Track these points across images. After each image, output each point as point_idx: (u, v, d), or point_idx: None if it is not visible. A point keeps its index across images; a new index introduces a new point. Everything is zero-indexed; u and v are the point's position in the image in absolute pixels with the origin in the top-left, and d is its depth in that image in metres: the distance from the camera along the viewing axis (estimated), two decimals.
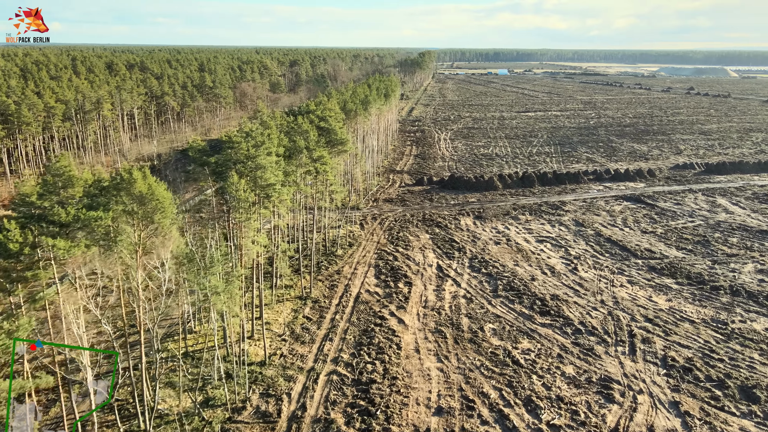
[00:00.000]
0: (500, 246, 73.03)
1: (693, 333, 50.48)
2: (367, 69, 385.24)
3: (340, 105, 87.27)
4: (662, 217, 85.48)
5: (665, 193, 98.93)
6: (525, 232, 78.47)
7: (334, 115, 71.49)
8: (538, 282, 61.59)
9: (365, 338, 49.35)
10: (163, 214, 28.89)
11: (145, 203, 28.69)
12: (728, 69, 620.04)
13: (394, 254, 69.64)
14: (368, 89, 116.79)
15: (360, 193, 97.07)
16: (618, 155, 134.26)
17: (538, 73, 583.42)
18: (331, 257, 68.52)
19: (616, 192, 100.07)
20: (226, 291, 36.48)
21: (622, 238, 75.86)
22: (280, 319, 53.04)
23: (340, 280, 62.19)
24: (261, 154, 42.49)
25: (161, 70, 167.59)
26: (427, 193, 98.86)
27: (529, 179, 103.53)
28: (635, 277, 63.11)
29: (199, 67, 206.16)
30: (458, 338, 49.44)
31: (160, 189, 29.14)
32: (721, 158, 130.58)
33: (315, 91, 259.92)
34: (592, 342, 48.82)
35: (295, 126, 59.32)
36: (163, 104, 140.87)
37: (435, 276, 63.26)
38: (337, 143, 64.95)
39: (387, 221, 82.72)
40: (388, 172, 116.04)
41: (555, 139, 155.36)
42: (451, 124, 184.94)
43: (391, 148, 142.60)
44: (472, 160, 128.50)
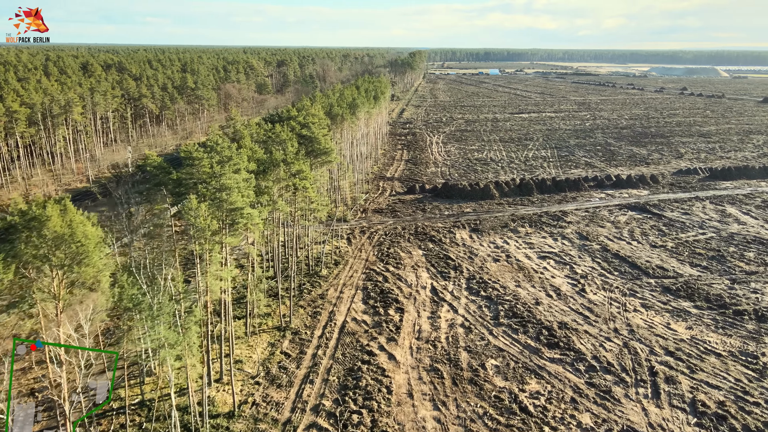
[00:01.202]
0: (500, 264, 67.04)
1: (721, 369, 44.71)
2: (356, 69, 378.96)
3: (325, 109, 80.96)
4: (671, 228, 79.90)
5: (671, 202, 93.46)
6: (525, 247, 72.55)
7: (318, 122, 65.19)
8: (543, 306, 55.66)
9: (351, 379, 43.12)
10: (86, 260, 22.58)
11: (63, 246, 22.36)
12: (719, 69, 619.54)
13: (384, 274, 63.44)
14: (356, 91, 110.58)
15: (348, 203, 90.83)
16: (617, 159, 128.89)
17: (529, 73, 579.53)
18: (315, 278, 62.20)
19: (619, 200, 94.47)
20: (182, 341, 30.12)
21: (631, 253, 70.14)
22: (255, 355, 46.67)
23: (323, 305, 55.89)
24: (227, 171, 36.12)
25: (140, 71, 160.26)
26: (420, 202, 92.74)
27: (527, 187, 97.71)
28: (649, 299, 57.35)
29: (182, 67, 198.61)
30: (457, 378, 43.36)
31: (84, 227, 22.80)
32: (723, 162, 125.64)
33: (303, 92, 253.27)
34: (608, 382, 42.89)
35: (273, 135, 52.98)
36: (140, 107, 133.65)
37: (429, 300, 57.14)
38: (320, 153, 58.69)
39: (377, 235, 76.51)
40: (378, 179, 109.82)
41: (551, 143, 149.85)
42: (443, 127, 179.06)
43: (381, 152, 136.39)
44: (465, 165, 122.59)
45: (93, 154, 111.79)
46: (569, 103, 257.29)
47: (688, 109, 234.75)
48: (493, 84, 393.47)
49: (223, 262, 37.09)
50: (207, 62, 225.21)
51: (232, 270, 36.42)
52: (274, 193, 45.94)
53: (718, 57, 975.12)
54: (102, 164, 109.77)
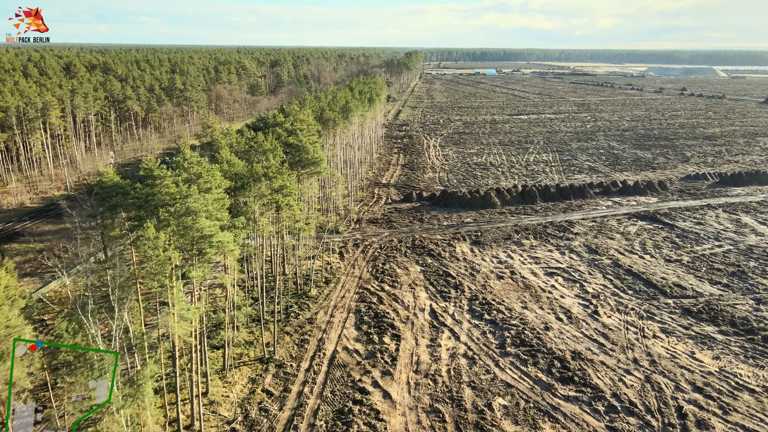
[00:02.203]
0: (504, 281, 61.97)
1: (757, 409, 39.74)
2: (352, 69, 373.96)
3: (316, 113, 75.78)
4: (685, 240, 75.02)
5: (682, 210, 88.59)
6: (531, 262, 67.51)
7: (307, 128, 59.98)
8: (553, 332, 50.63)
9: (340, 425, 37.96)
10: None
11: None
12: (717, 69, 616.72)
13: (379, 294, 58.30)
14: (350, 93, 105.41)
15: (340, 213, 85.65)
16: (622, 164, 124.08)
17: (526, 73, 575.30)
18: (303, 299, 57.00)
19: (627, 209, 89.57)
20: (132, 400, 24.91)
21: (644, 268, 65.19)
22: (233, 394, 41.44)
23: (312, 332, 50.71)
24: (193, 193, 30.91)
25: (127, 72, 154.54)
26: (417, 211, 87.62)
27: (530, 194, 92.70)
28: (669, 323, 52.39)
29: (171, 68, 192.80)
30: (461, 422, 38.27)
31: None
32: (732, 167, 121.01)
33: (297, 93, 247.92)
34: (633, 426, 37.86)
35: (255, 145, 47.79)
36: (125, 109, 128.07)
37: (428, 325, 52.03)
38: (308, 163, 53.53)
39: (371, 249, 71.35)
40: (373, 185, 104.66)
41: (552, 146, 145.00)
42: (441, 129, 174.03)
43: (377, 156, 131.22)
44: (464, 170, 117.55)
45: (73, 159, 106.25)
46: (568, 104, 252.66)
47: (690, 110, 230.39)
48: (491, 84, 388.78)
49: (191, 298, 31.88)
50: (198, 63, 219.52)
51: (200, 308, 31.19)
52: (255, 211, 40.72)
53: (714, 57, 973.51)
54: (83, 170, 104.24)
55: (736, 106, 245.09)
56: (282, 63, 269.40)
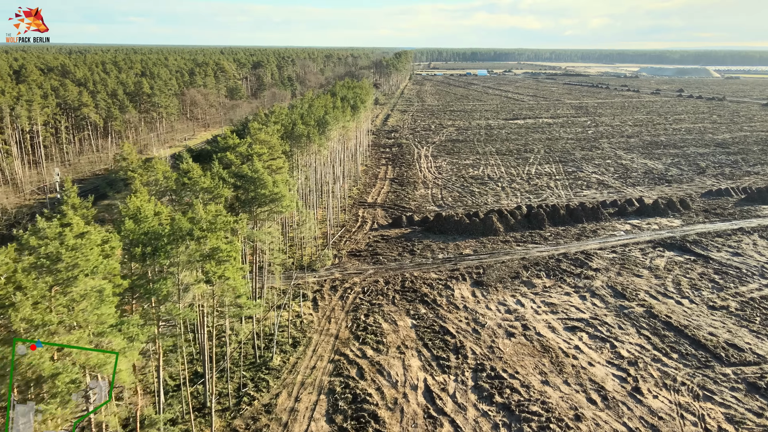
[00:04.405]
0: (516, 341, 49.78)
1: None
2: (340, 71, 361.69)
3: (285, 128, 63.23)
4: (725, 277, 63.27)
5: (712, 236, 76.98)
6: (546, 311, 55.40)
7: (269, 152, 47.48)
8: (587, 423, 38.49)
9: None
10: None
11: None
12: (710, 69, 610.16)
13: (360, 362, 45.90)
14: (331, 100, 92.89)
15: (318, 244, 73.21)
16: (633, 177, 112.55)
17: (518, 73, 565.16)
18: (262, 373, 44.45)
19: (649, 234, 77.78)
20: None
21: (686, 319, 53.29)
22: None
23: (270, 427, 38.20)
24: (30, 293, 18.32)
25: (88, 75, 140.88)
26: (407, 240, 75.29)
27: (537, 218, 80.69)
28: (734, 406, 40.42)
29: (142, 71, 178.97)
30: None
31: None
32: (754, 180, 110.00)
33: (280, 96, 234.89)
34: None
35: (189, 181, 35.26)
36: (81, 117, 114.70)
37: (422, 413, 39.70)
38: (266, 201, 41.00)
39: (352, 293, 58.90)
40: (357, 205, 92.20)
41: (554, 155, 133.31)
42: (432, 136, 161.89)
43: (362, 169, 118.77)
44: (460, 185, 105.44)
45: (14, 176, 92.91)
46: (565, 107, 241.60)
47: (693, 113, 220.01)
48: (483, 86, 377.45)
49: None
50: (173, 65, 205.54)
51: None
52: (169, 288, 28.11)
53: (705, 57, 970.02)
54: (25, 188, 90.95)
55: (740, 109, 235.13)
56: (265, 64, 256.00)
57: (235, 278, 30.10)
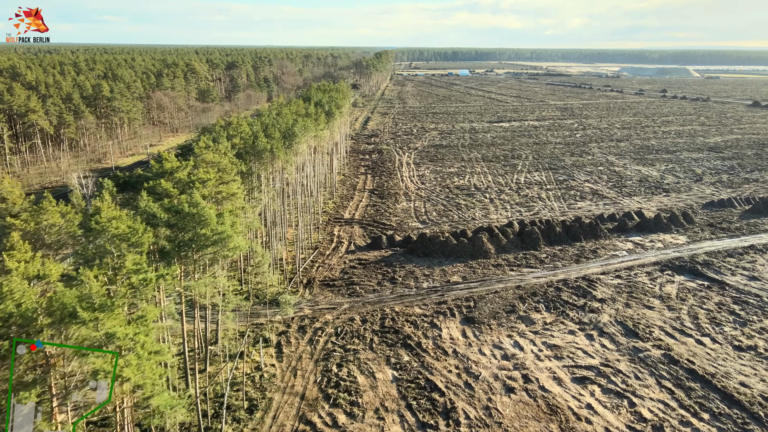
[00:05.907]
0: (516, 397, 41.80)
1: None
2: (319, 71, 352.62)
3: (245, 142, 54.51)
4: (746, 308, 56.12)
5: (723, 256, 70.05)
6: (549, 355, 47.59)
7: (218, 176, 38.86)
8: None
9: None
10: None
11: None
12: (690, 69, 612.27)
13: None
14: (304, 106, 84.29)
15: (286, 269, 64.65)
16: (628, 185, 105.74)
17: (500, 73, 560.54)
18: None
19: (654, 254, 70.56)
20: None
21: (711, 365, 45.86)
22: None
23: None
24: None
25: (41, 78, 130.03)
26: (388, 264, 67.03)
27: (531, 236, 73.05)
28: None
29: (104, 72, 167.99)
30: None
31: None
32: (754, 188, 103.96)
33: (256, 98, 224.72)
34: None
35: (97, 226, 26.68)
36: (28, 125, 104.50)
37: None
38: (207, 243, 32.46)
39: (323, 337, 50.47)
40: (333, 222, 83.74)
41: (543, 161, 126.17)
42: (414, 141, 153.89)
43: (339, 179, 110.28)
44: (445, 196, 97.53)
45: None
46: (550, 108, 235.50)
47: (679, 114, 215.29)
48: (465, 86, 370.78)
49: None
50: (139, 66, 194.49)
51: None
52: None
53: (683, 57, 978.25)
54: None
55: (726, 110, 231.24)
56: (240, 65, 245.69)
57: (144, 374, 21.59)
